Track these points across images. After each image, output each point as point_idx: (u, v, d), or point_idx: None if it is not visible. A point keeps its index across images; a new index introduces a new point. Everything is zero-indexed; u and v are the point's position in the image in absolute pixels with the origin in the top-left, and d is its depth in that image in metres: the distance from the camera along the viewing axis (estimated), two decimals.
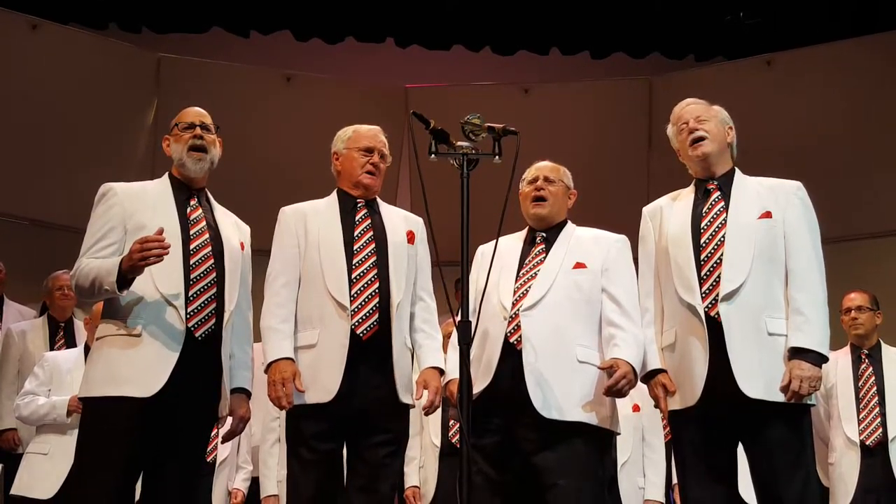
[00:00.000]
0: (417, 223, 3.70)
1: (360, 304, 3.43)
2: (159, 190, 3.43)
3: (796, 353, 3.18)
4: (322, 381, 3.37)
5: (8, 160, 7.34)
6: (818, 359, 3.18)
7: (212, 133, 3.48)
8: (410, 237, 3.63)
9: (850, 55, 7.75)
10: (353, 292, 3.43)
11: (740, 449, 3.34)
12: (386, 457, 3.44)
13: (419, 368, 3.58)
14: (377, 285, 3.47)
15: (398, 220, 3.66)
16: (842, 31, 7.83)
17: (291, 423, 3.46)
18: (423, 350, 3.57)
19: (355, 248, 3.51)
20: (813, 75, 7.88)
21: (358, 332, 3.39)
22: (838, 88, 7.82)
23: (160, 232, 3.16)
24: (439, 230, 3.46)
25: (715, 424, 3.24)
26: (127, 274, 3.16)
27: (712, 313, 3.24)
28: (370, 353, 3.41)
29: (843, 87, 7.81)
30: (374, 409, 3.41)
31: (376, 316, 3.43)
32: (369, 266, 3.49)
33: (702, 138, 3.40)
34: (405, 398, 3.48)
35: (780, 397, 3.17)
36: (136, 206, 3.34)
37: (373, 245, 3.53)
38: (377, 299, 3.44)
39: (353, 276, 3.46)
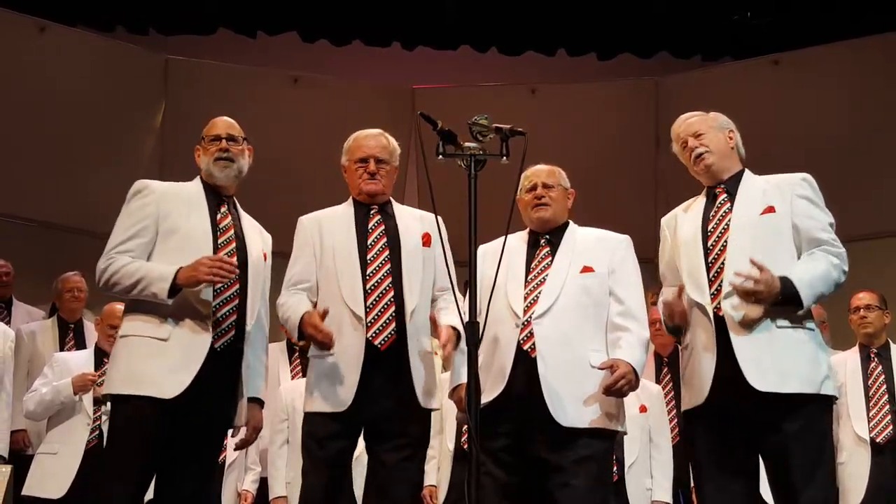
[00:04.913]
0: (433, 222, 3.58)
1: (376, 314, 3.44)
2: (193, 192, 3.46)
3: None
4: (337, 390, 3.39)
5: (17, 162, 7.36)
6: (789, 290, 3.14)
7: (239, 144, 3.51)
8: (426, 239, 3.60)
9: (857, 55, 7.73)
10: (368, 302, 3.44)
11: None
12: (403, 460, 3.45)
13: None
14: (392, 294, 3.47)
15: (413, 223, 3.64)
16: (849, 30, 7.81)
17: (306, 427, 3.50)
18: (442, 314, 3.52)
19: (369, 256, 3.51)
20: (820, 75, 7.87)
21: (376, 342, 3.41)
22: (845, 88, 7.81)
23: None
24: (447, 231, 3.45)
25: (728, 421, 3.24)
26: (181, 284, 3.21)
27: (721, 313, 3.25)
28: (386, 361, 3.42)
29: (851, 87, 7.79)
30: (390, 415, 3.42)
31: (393, 325, 3.43)
32: (384, 274, 3.49)
33: (702, 154, 3.45)
34: (427, 403, 3.49)
35: (792, 388, 3.16)
36: (171, 207, 3.37)
37: (387, 252, 3.53)
38: (393, 308, 3.45)
39: (368, 285, 3.46)
